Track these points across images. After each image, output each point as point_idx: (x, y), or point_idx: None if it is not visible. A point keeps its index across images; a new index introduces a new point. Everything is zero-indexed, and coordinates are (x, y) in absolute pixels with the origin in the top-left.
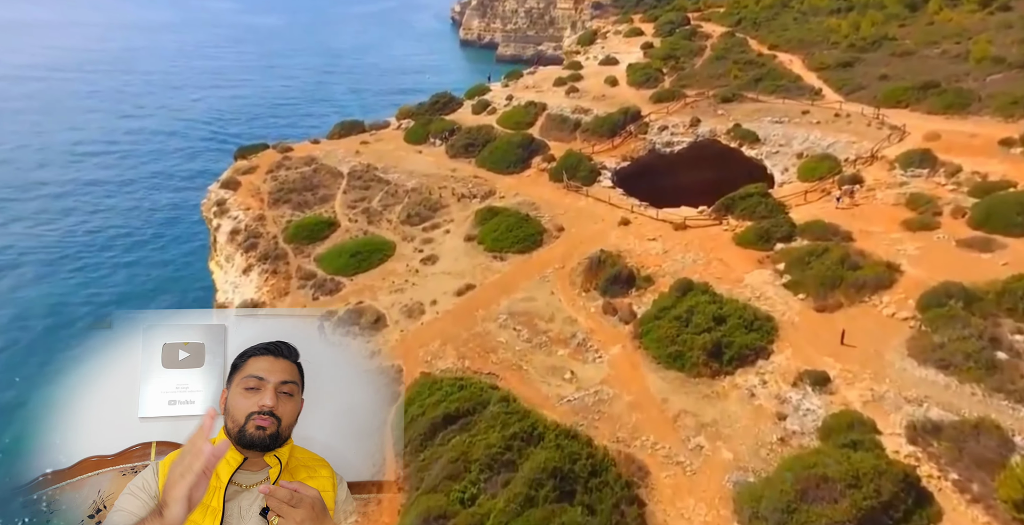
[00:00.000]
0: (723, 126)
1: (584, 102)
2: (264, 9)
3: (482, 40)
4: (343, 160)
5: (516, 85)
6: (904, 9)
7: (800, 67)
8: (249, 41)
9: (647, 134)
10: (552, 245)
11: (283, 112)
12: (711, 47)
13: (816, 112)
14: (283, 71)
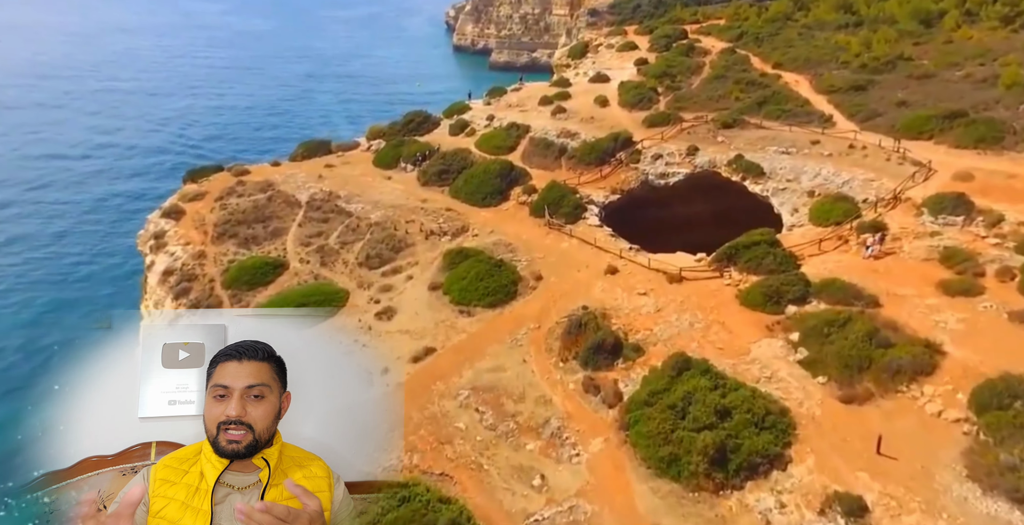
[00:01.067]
0: (724, 156)
1: (571, 124)
2: (251, 11)
3: (476, 46)
4: (303, 186)
5: (499, 103)
6: (918, 25)
7: (807, 89)
8: (233, 46)
9: (639, 163)
10: (528, 298)
11: (262, 124)
12: (710, 64)
13: (827, 142)
14: (266, 79)
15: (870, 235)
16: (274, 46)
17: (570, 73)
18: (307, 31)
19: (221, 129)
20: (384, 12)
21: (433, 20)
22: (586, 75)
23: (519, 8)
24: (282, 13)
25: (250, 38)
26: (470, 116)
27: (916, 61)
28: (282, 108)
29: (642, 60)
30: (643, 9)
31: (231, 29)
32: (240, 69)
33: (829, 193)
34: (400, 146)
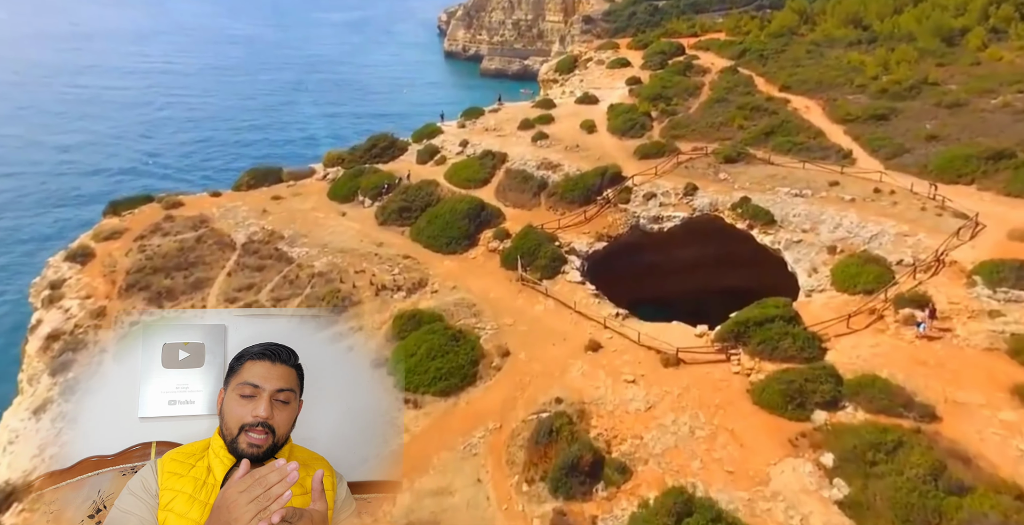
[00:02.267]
0: (727, 197)
1: (553, 153)
2: (241, 14)
3: (467, 52)
4: (242, 223)
5: (474, 126)
6: (940, 44)
7: (820, 116)
8: (217, 50)
9: (629, 203)
10: (490, 383)
11: (236, 139)
12: (710, 85)
13: (848, 184)
14: (248, 87)
15: (917, 309)
16: (261, 51)
17: (556, 91)
18: (296, 35)
19: (189, 146)
20: (376, 16)
21: (426, 24)
22: (572, 95)
23: (512, 14)
24: (272, 15)
25: (237, 42)
26: (441, 141)
27: (942, 86)
28: (261, 121)
29: (634, 79)
30: (639, 17)
31: (218, 32)
32: (222, 76)
33: (854, 250)
34: (359, 176)
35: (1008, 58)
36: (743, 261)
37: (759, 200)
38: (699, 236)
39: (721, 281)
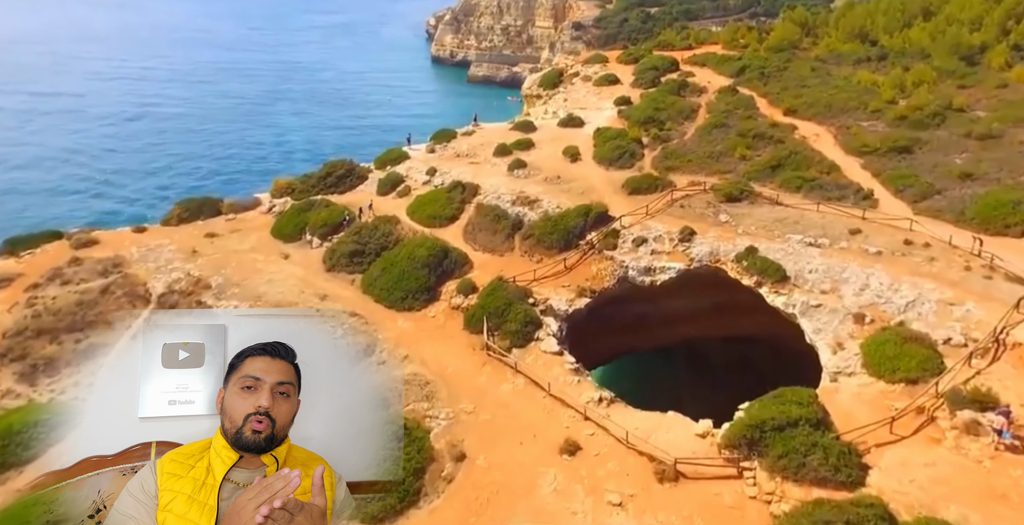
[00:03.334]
0: (729, 245)
1: (531, 186)
2: (225, 15)
3: (455, 57)
4: (164, 267)
5: (445, 151)
6: (959, 63)
7: (831, 146)
8: (195, 54)
9: (616, 249)
10: (437, 504)
11: (205, 153)
12: (706, 107)
13: (872, 232)
14: (225, 93)
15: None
16: (242, 55)
17: (538, 109)
18: (280, 38)
19: (156, 162)
20: (364, 19)
21: (415, 28)
22: (555, 116)
23: (501, 19)
24: (257, 17)
25: (216, 45)
26: (406, 168)
27: (969, 112)
28: (237, 134)
29: (624, 99)
30: (630, 24)
31: (197, 34)
32: (199, 82)
33: (886, 320)
34: (308, 210)
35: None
36: (747, 308)
37: (767, 250)
38: (697, 285)
39: (722, 329)
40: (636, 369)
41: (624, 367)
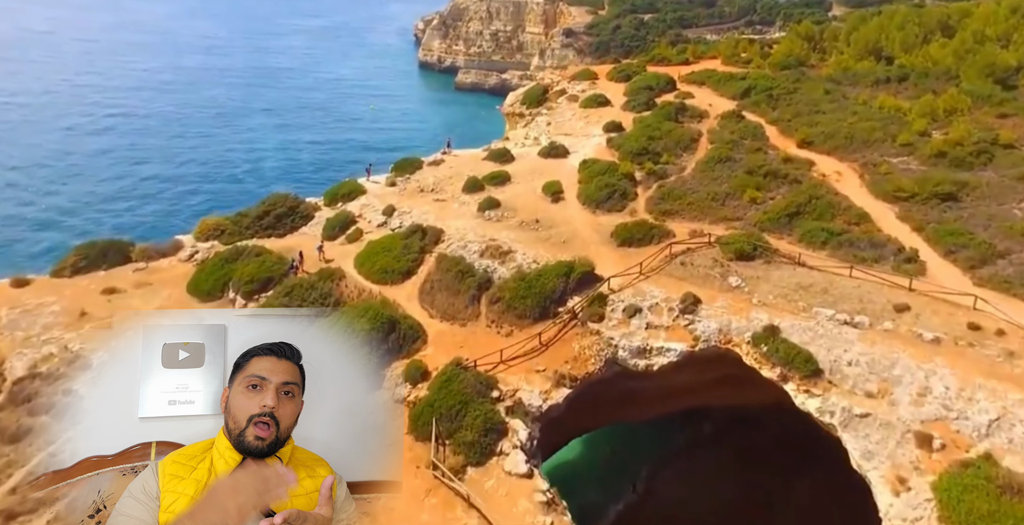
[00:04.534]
0: (742, 319)
1: (504, 232)
2: (203, 16)
3: (442, 63)
4: (36, 338)
5: (407, 184)
6: (993, 86)
7: (857, 188)
8: (169, 60)
9: (604, 321)
10: None
11: (174, 172)
12: (708, 135)
13: (924, 308)
14: (197, 103)
15: None
16: (220, 60)
17: (519, 133)
18: (261, 43)
19: (106, 185)
20: (351, 22)
21: (403, 32)
22: (536, 142)
23: (490, 24)
24: (238, 19)
25: (189, 49)
26: (360, 206)
27: (1019, 148)
28: (205, 150)
29: (614, 124)
30: (623, 30)
31: (175, 38)
32: (170, 90)
33: (963, 444)
34: (234, 260)
35: None
36: (757, 381)
37: (791, 329)
38: (701, 362)
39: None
40: (617, 438)
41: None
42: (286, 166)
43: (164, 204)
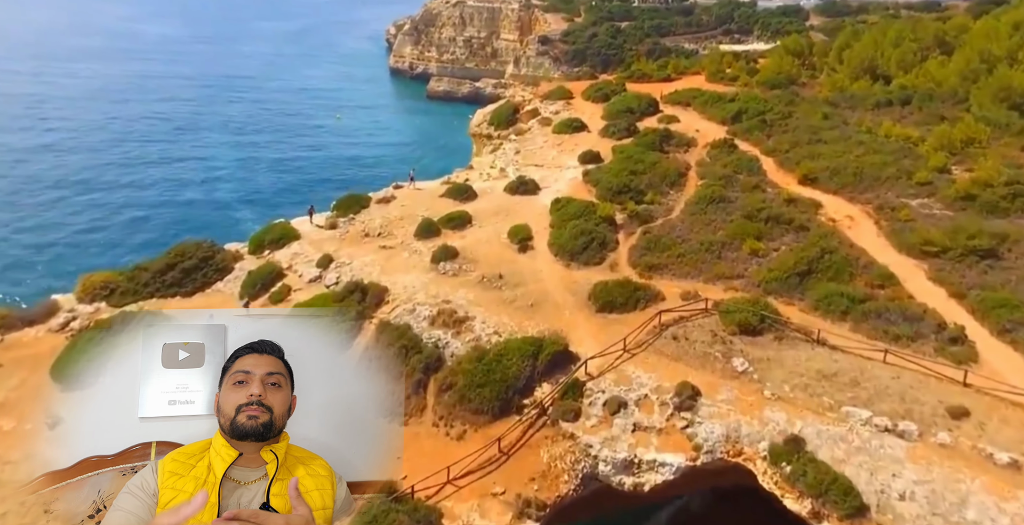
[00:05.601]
0: (754, 421)
1: (461, 291)
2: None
3: (414, 70)
4: None
5: (351, 226)
6: (1008, 112)
7: (874, 236)
8: (123, 66)
9: (579, 418)
10: None
11: (112, 199)
12: (697, 168)
13: (986, 412)
14: (148, 117)
15: None
16: (174, 66)
17: (484, 160)
18: (222, 47)
19: (30, 218)
20: (320, 25)
21: (374, 38)
22: (503, 174)
23: (463, 30)
24: (202, 22)
25: (144, 54)
26: (291, 255)
27: None
28: (154, 172)
29: (591, 155)
30: (599, 38)
31: (132, 41)
32: (120, 101)
33: None
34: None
35: None
36: None
37: (819, 438)
38: (704, 476)
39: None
40: None
41: None
42: (244, 189)
43: (90, 240)
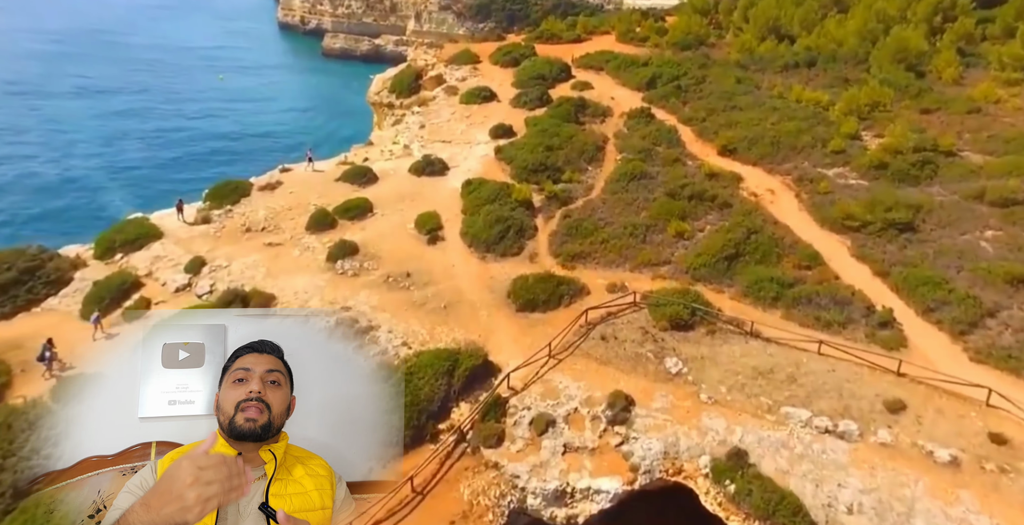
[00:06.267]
0: (691, 431)
1: (363, 293)
2: None
3: (306, 25)
4: None
5: (227, 220)
6: (907, 73)
7: (796, 211)
8: None
9: (503, 442)
10: None
11: None
12: (616, 141)
13: (923, 405)
14: None
15: None
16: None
17: (386, 134)
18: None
19: None
20: None
21: None
22: (407, 152)
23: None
24: None
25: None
26: (152, 259)
27: (959, 155)
28: None
29: (503, 129)
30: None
31: None
32: None
33: None
34: None
35: (1013, 102)
36: None
37: (760, 446)
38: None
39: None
40: None
41: None
42: (111, 167)
43: None
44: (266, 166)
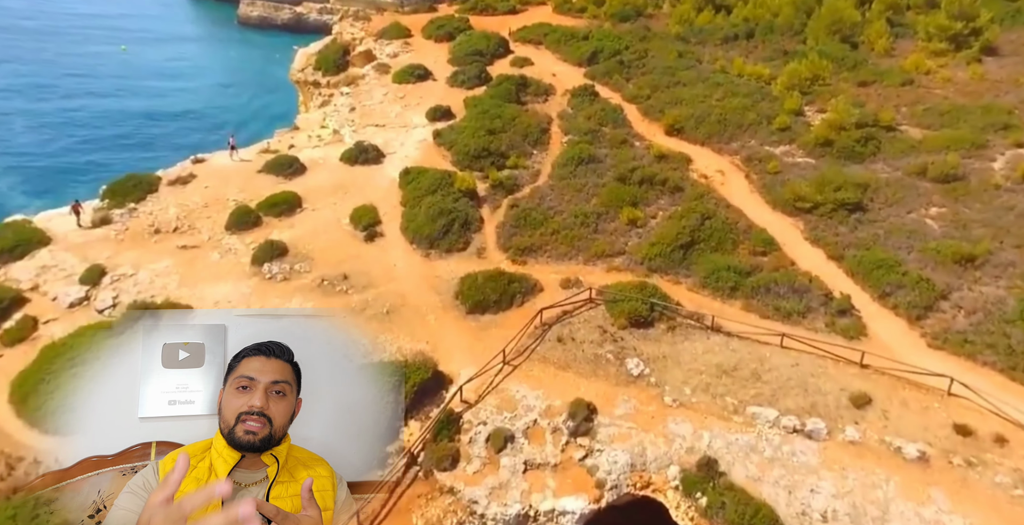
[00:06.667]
0: (658, 439)
1: (295, 300)
2: None
3: None
4: None
5: (130, 223)
6: (842, 45)
7: (747, 192)
8: None
9: (458, 464)
10: None
11: None
12: (559, 121)
13: (887, 398)
14: None
15: None
16: None
17: (313, 117)
18: None
19: None
20: None
21: None
22: (337, 138)
23: None
24: None
25: None
26: (38, 269)
27: (898, 130)
28: None
29: (441, 110)
30: None
31: None
32: None
33: None
34: None
35: (942, 73)
36: None
37: (728, 451)
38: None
39: None
40: None
41: None
42: None
43: None
44: (187, 152)
